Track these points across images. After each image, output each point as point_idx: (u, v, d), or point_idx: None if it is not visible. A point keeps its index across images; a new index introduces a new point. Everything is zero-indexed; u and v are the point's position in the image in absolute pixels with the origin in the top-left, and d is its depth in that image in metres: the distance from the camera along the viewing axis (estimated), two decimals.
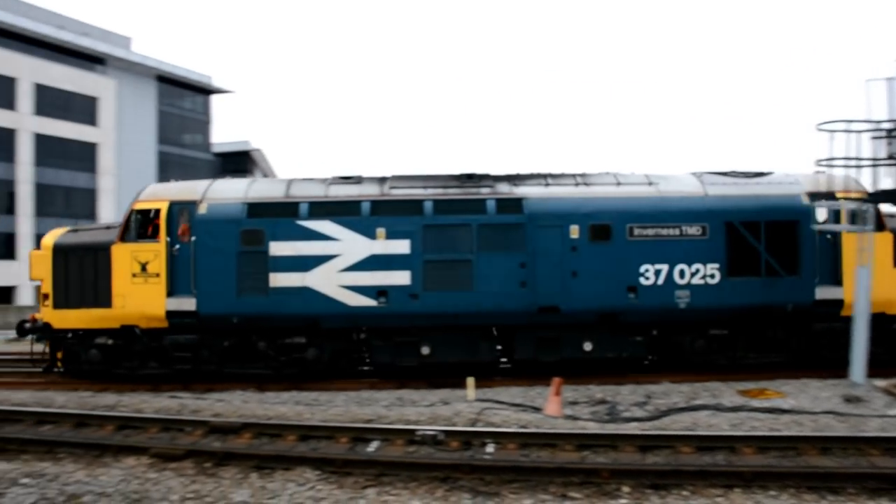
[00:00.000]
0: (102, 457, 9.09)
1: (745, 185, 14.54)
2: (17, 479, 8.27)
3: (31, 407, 11.78)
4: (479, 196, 14.21)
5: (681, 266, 14.01)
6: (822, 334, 14.23)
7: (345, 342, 14.57)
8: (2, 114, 50.62)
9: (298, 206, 14.15)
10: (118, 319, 14.22)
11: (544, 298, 13.89)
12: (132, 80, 61.05)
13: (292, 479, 8.14)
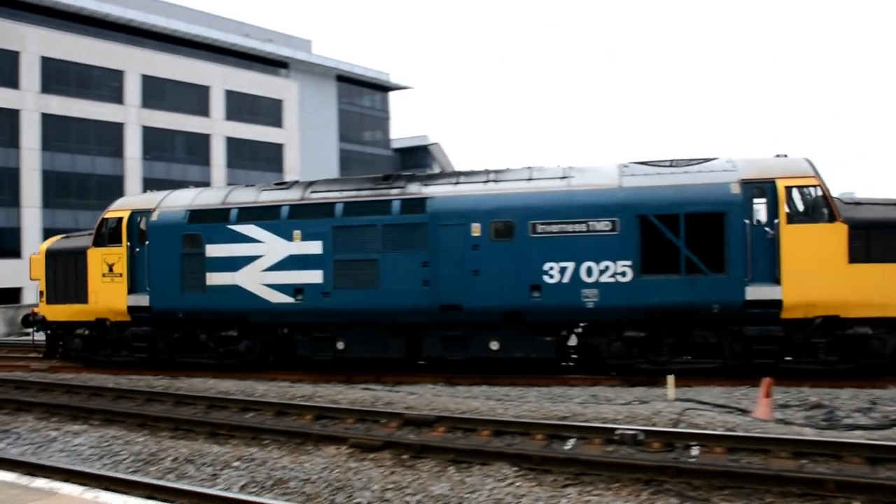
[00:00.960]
0: (304, 444, 9.64)
1: (667, 176, 13.47)
2: (230, 462, 8.96)
3: (235, 395, 12.79)
4: (385, 197, 14.71)
5: (588, 264, 13.47)
6: (755, 339, 12.95)
7: (272, 336, 15.81)
8: (198, 120, 55.42)
9: (229, 212, 15.71)
10: (93, 313, 16.77)
11: (446, 297, 14.09)
12: (313, 81, 64.68)
13: (490, 474, 8.19)
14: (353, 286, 14.69)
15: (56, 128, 49.04)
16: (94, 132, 50.68)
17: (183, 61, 55.04)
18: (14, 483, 5.83)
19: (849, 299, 12.57)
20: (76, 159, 49.86)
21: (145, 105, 52.83)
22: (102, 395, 13.49)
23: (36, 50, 48.41)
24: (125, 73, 52.32)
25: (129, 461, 9.37)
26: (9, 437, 10.88)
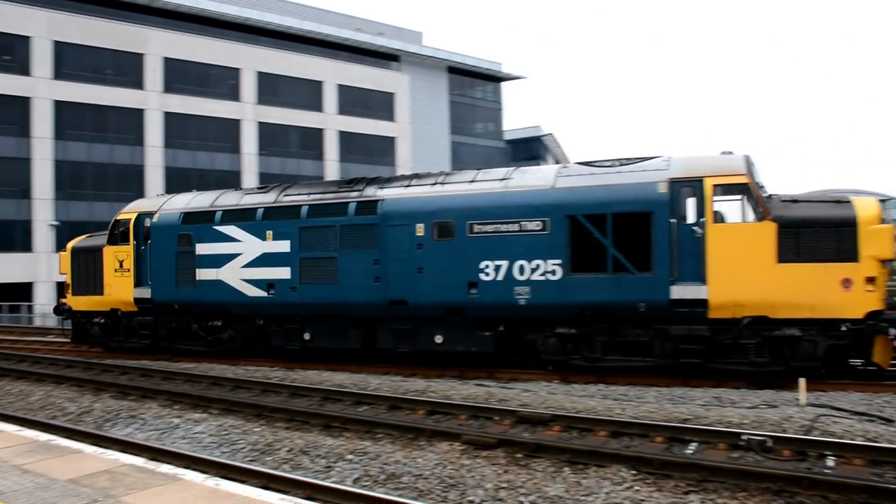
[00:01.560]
0: (417, 440, 9.75)
1: (598, 176, 13.85)
2: (343, 454, 9.17)
3: (349, 388, 13.10)
4: (343, 200, 16.05)
5: (521, 262, 14.04)
6: (682, 338, 13.06)
7: (251, 326, 17.49)
8: (312, 115, 57.07)
9: (215, 214, 17.58)
10: (107, 304, 19.25)
11: (394, 293, 15.23)
12: (424, 73, 65.41)
13: (607, 476, 8.03)
14: (315, 282, 16.16)
15: (177, 126, 51.76)
16: (213, 129, 53.15)
17: (296, 57, 56.86)
18: (142, 467, 6.16)
19: (777, 300, 12.46)
20: (196, 156, 52.45)
21: (261, 101, 54.93)
22: (221, 384, 14.12)
23: (159, 51, 51.21)
24: (241, 70, 54.57)
25: (247, 450, 9.76)
26: (136, 423, 11.56)
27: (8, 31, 46.57)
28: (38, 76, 47.24)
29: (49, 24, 47.55)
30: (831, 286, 12.15)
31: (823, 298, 12.20)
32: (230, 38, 54.29)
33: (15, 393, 14.50)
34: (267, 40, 56.42)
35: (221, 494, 5.37)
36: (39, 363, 17.96)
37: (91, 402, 13.22)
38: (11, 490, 5.54)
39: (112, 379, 15.13)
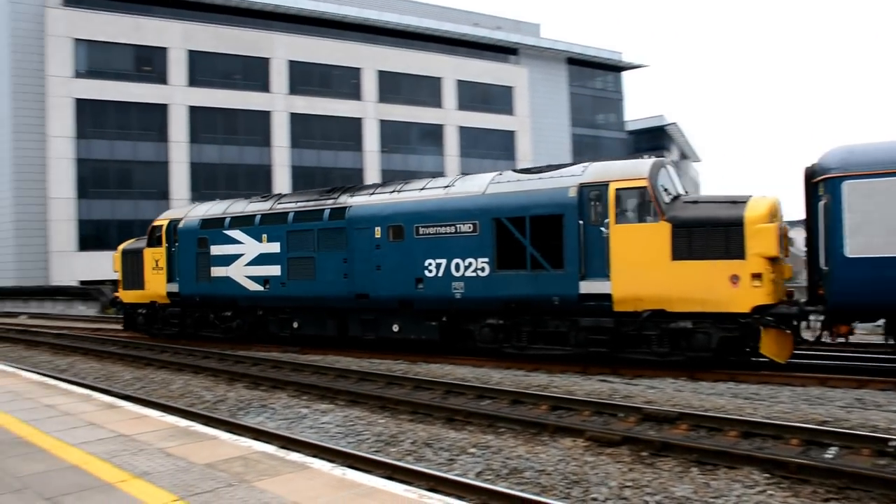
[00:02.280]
0: (540, 435, 9.70)
1: (522, 182, 15.38)
2: (466, 448, 9.25)
3: (472, 382, 13.20)
4: (320, 207, 18.39)
5: (456, 260, 15.77)
6: (590, 329, 14.31)
7: (253, 316, 20.22)
8: (432, 111, 57.74)
9: (225, 220, 20.51)
10: (147, 297, 22.69)
11: (359, 287, 17.41)
12: (543, 65, 64.92)
13: (738, 479, 7.72)
14: (300, 278, 18.62)
15: (302, 126, 53.64)
16: (336, 128, 54.74)
17: (416, 55, 57.71)
18: (273, 455, 6.43)
19: (672, 294, 13.33)
20: (320, 154, 54.17)
21: (382, 100, 56.11)
22: (347, 376, 14.54)
23: (284, 55, 53.22)
24: (362, 70, 55.91)
25: (371, 441, 10.00)
26: (266, 412, 12.08)
27: (148, 44, 49.68)
28: (174, 84, 50.16)
29: (184, 34, 50.37)
30: (720, 282, 12.94)
31: (714, 293, 13.00)
32: (351, 39, 55.72)
33: (158, 381, 15.45)
34: (387, 39, 57.55)
35: (348, 483, 5.53)
36: (179, 353, 19.08)
37: (225, 391, 13.91)
38: (156, 471, 5.91)
39: (244, 370, 15.87)
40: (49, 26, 47.67)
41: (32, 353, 21.69)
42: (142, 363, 18.07)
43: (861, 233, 11.94)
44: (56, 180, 47.49)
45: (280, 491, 5.31)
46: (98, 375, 16.81)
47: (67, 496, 5.33)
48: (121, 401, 9.57)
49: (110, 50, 49.13)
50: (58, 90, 47.46)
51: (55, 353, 21.32)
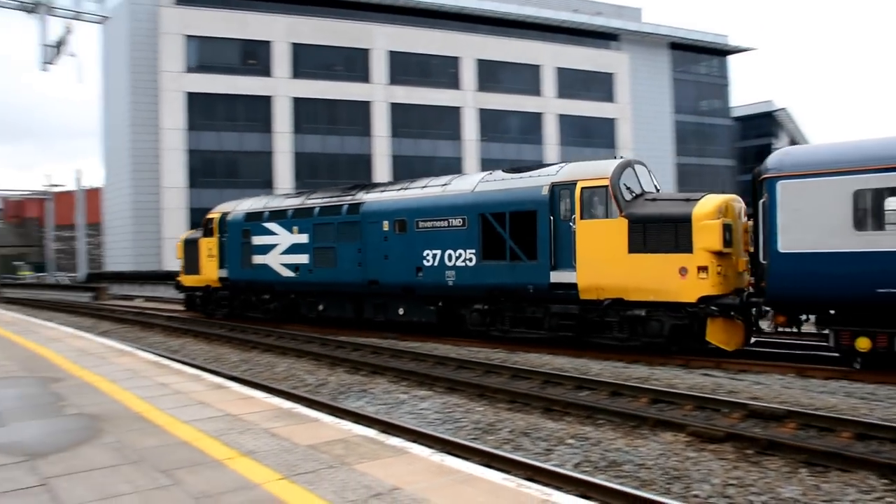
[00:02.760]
0: (639, 428, 9.52)
1: (506, 181, 16.95)
2: (564, 438, 9.18)
3: (570, 372, 13.08)
4: (339, 202, 20.49)
5: (449, 251, 17.47)
6: (559, 315, 15.75)
7: (287, 299, 22.64)
8: (531, 99, 57.33)
9: (263, 213, 22.97)
10: (203, 281, 25.49)
11: (371, 274, 19.44)
12: (644, 51, 63.43)
13: (852, 483, 7.36)
14: (323, 266, 20.82)
15: (401, 115, 54.22)
16: (435, 117, 55.07)
17: (515, 43, 57.37)
18: (373, 439, 6.55)
19: (629, 285, 14.62)
20: (419, 144, 54.65)
21: (480, 88, 56.08)
22: (445, 364, 14.66)
23: (383, 45, 53.90)
24: (461, 59, 56.02)
25: (469, 428, 10.05)
26: (366, 397, 12.32)
27: (253, 38, 51.30)
28: (278, 76, 51.61)
29: (287, 28, 51.73)
30: (670, 274, 14.06)
31: (665, 284, 14.16)
32: (450, 28, 55.89)
33: (263, 364, 16.00)
34: (485, 27, 57.42)
35: (446, 469, 5.57)
36: (282, 338, 19.69)
37: (327, 375, 14.27)
38: (261, 450, 6.12)
39: (345, 355, 16.23)
40: (163, 24, 49.88)
41: (147, 334, 22.84)
42: (248, 346, 18.74)
43: (792, 229, 12.63)
44: (168, 170, 49.76)
45: (380, 474, 5.40)
46: (207, 357, 17.55)
47: (180, 470, 5.59)
48: (228, 381, 9.95)
49: (218, 45, 51.01)
50: (170, 85, 49.65)
51: (168, 334, 22.39)
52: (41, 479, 5.43)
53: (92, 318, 28.26)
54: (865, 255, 11.94)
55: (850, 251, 12.12)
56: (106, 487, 5.22)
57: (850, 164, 12.21)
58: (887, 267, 11.69)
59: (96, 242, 67.76)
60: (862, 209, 12.03)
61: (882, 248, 11.78)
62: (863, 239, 11.99)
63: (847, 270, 12.10)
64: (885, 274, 11.70)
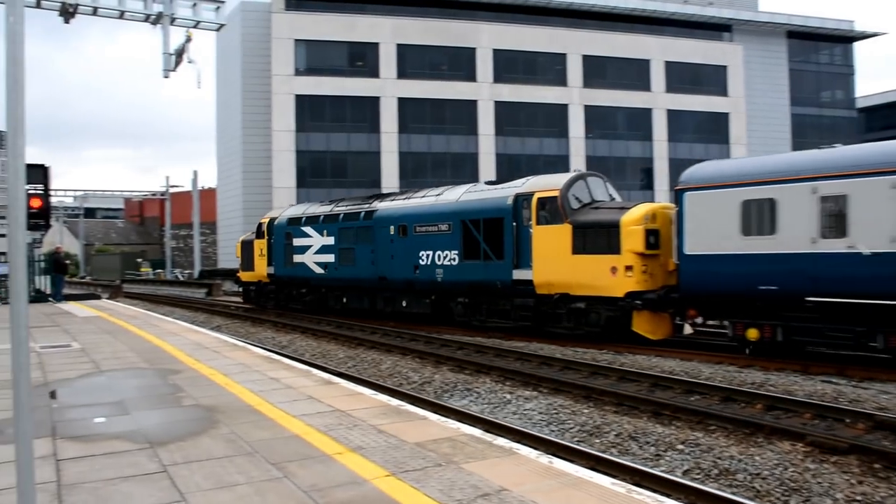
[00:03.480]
0: (754, 436, 9.16)
1: (481, 192, 19.88)
2: (673, 444, 8.94)
3: (680, 376, 12.73)
4: (358, 210, 24.01)
5: (439, 252, 20.23)
6: (520, 307, 18.64)
7: (319, 293, 26.13)
8: (639, 95, 56.16)
9: (301, 219, 26.59)
10: (256, 277, 29.56)
11: (381, 272, 22.47)
12: (760, 41, 61.06)
13: None
14: (346, 264, 24.23)
15: (507, 114, 54.14)
16: (541, 115, 54.72)
17: (622, 37, 56.35)
18: (480, 438, 6.55)
19: (572, 281, 17.13)
20: (525, 142, 54.44)
21: (587, 85, 55.33)
22: (550, 364, 14.55)
23: (488, 44, 53.95)
24: (567, 55, 55.41)
25: (575, 430, 9.94)
26: (471, 395, 12.37)
27: (361, 40, 52.37)
28: (385, 77, 52.47)
29: (393, 29, 52.55)
30: (604, 272, 16.50)
31: (599, 281, 16.60)
32: (555, 25, 55.40)
33: (368, 361, 16.31)
34: (591, 23, 56.58)
35: (554, 472, 5.52)
36: (388, 335, 20.02)
37: (431, 373, 14.41)
38: (369, 446, 6.23)
39: (450, 353, 16.35)
40: (274, 29, 51.60)
41: (258, 329, 23.70)
42: (353, 343, 19.15)
43: (696, 234, 15.01)
44: (279, 171, 51.43)
45: (487, 474, 5.40)
46: (314, 353, 18.05)
47: (291, 463, 5.76)
48: (336, 377, 10.18)
49: (327, 48, 52.34)
50: (280, 87, 51.30)
51: (277, 330, 23.15)
52: (162, 466, 5.71)
53: (206, 314, 29.55)
54: (750, 258, 14.21)
55: (739, 253, 14.35)
56: (222, 477, 5.44)
57: (740, 178, 14.51)
58: (766, 267, 13.89)
59: (210, 240, 70.84)
60: (748, 217, 14.26)
61: (762, 251, 14.00)
62: (748, 243, 14.20)
63: (736, 270, 14.36)
64: (765, 273, 13.90)
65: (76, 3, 16.64)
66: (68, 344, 13.92)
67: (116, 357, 12.10)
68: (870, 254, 12.63)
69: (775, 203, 13.84)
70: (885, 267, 12.41)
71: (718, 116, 58.17)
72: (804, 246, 13.45)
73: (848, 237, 12.92)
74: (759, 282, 13.93)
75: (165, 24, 17.86)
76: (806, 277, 13.38)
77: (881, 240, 12.48)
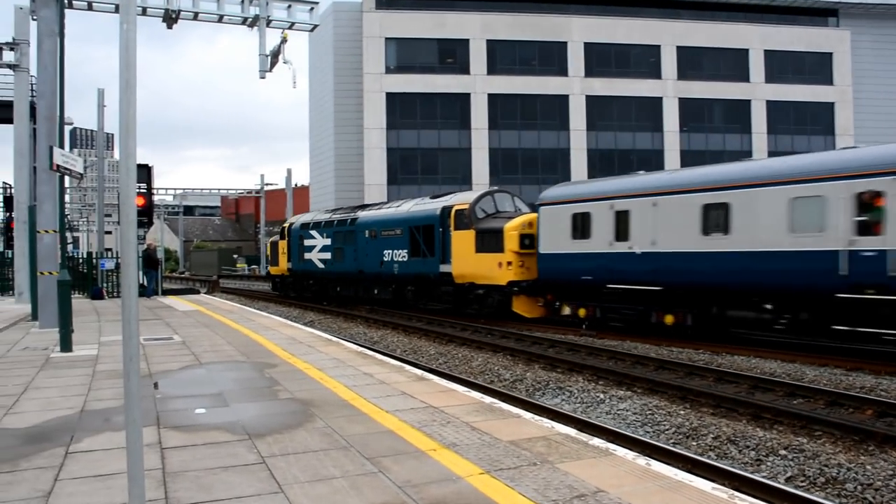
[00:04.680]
0: (864, 443, 8.74)
1: (425, 205, 25.96)
2: (776, 449, 8.61)
3: (782, 378, 12.28)
4: (346, 217, 30.53)
5: (395, 251, 26.47)
6: (445, 293, 24.56)
7: (322, 284, 32.60)
8: (736, 86, 54.38)
9: (310, 224, 33.31)
10: (280, 271, 36.46)
11: (360, 266, 28.79)
12: (869, 25, 58.18)
13: None
14: (338, 261, 30.44)
15: (599, 108, 53.36)
16: (634, 109, 53.71)
17: (718, 27, 54.70)
18: (575, 438, 6.47)
19: (476, 273, 22.67)
20: (617, 136, 53.53)
21: (681, 77, 54.00)
22: (645, 364, 14.28)
23: (580, 37, 53.28)
24: (661, 47, 54.20)
25: (671, 432, 9.71)
26: (563, 394, 12.25)
27: (450, 37, 52.57)
28: (475, 73, 52.52)
29: (482, 25, 52.53)
30: (495, 266, 21.80)
31: (492, 273, 21.94)
32: (648, 16, 54.24)
33: (459, 357, 16.37)
34: (686, 13, 55.13)
35: (652, 474, 5.40)
36: (478, 332, 20.06)
37: (523, 371, 14.34)
38: (463, 443, 6.24)
39: (541, 351, 16.25)
40: (365, 28, 52.39)
41: (349, 325, 24.14)
42: (444, 339, 19.27)
43: (546, 237, 20.99)
44: (370, 168, 52.22)
45: (583, 475, 5.33)
46: (406, 349, 18.24)
47: (385, 458, 5.83)
48: (428, 374, 10.25)
49: (417, 45, 52.79)
50: (372, 86, 52.06)
51: (368, 326, 23.53)
52: (260, 458, 5.87)
53: (299, 309, 30.30)
54: (576, 255, 19.99)
55: (570, 252, 20.21)
56: (318, 470, 5.55)
57: (572, 197, 20.53)
58: (585, 263, 19.65)
59: None
60: (575, 225, 20.08)
61: (583, 251, 19.77)
62: (575, 244, 20.05)
63: (569, 264, 20.21)
64: (585, 267, 19.70)
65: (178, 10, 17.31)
66: (170, 337, 14.50)
67: (215, 350, 12.53)
68: (640, 253, 18.15)
69: (590, 216, 19.66)
70: (649, 263, 17.93)
71: (823, 107, 55.74)
72: (605, 247, 19.15)
73: (629, 240, 18.50)
74: (581, 273, 19.81)
75: (262, 26, 18.38)
76: (606, 270, 19.08)
77: (646, 243, 18.02)
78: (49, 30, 15.95)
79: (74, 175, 16.16)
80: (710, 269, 16.41)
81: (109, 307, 22.54)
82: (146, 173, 26.19)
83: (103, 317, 19.16)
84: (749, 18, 55.73)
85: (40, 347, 13.04)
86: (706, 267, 16.48)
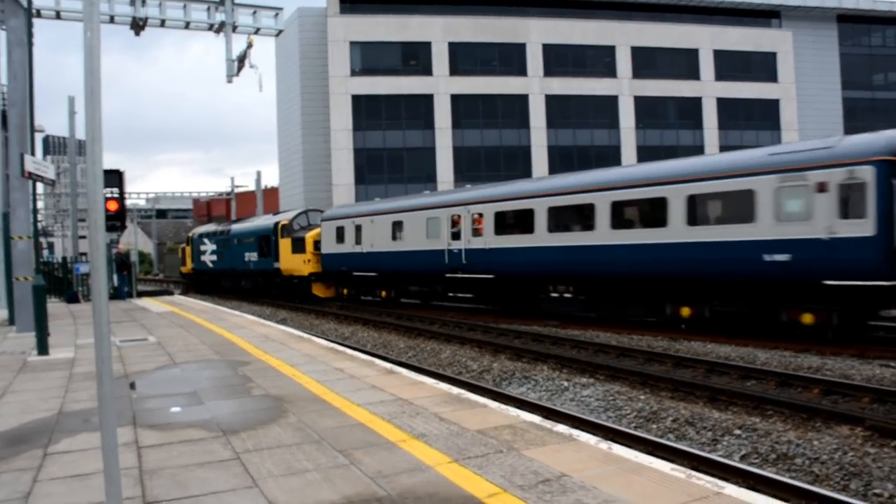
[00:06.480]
0: (811, 420, 8.93)
1: (267, 220, 35.57)
2: (730, 429, 8.76)
3: (735, 361, 12.48)
4: (225, 229, 39.81)
5: (251, 253, 35.56)
6: (279, 284, 33.00)
7: (214, 279, 42.26)
8: (689, 84, 55.01)
9: (205, 234, 43.30)
10: (188, 270, 45.80)
11: (233, 265, 37.63)
12: (810, 27, 59.20)
13: None
14: (221, 262, 39.43)
15: (557, 107, 53.60)
16: (591, 107, 54.04)
17: (671, 28, 55.26)
18: (539, 425, 6.52)
19: (292, 268, 31.57)
20: (576, 134, 53.86)
21: (636, 76, 54.48)
22: (607, 352, 14.41)
23: (538, 39, 53.47)
24: (616, 47, 54.60)
25: (632, 416, 9.82)
26: (529, 383, 12.32)
27: (413, 40, 52.46)
28: (437, 75, 52.46)
29: (444, 28, 52.48)
30: (302, 262, 30.94)
31: (301, 267, 30.98)
32: (603, 18, 54.61)
33: (428, 350, 16.37)
34: (639, 14, 55.62)
35: (614, 458, 5.46)
36: (446, 325, 20.07)
37: (490, 361, 14.39)
38: (432, 433, 6.25)
39: (507, 342, 16.31)
40: (330, 32, 52.04)
41: (321, 321, 24.00)
42: (413, 333, 19.25)
43: (326, 242, 29.94)
44: (338, 169, 51.92)
45: (548, 461, 5.37)
46: (376, 343, 18.19)
47: (357, 450, 5.82)
48: (398, 367, 10.25)
49: (380, 48, 52.55)
50: (337, 88, 51.74)
51: (339, 322, 23.42)
52: (235, 454, 5.82)
53: (271, 307, 30.09)
54: (338, 254, 29.09)
55: (335, 252, 29.30)
56: (292, 464, 5.52)
57: (337, 216, 29.94)
58: (343, 259, 28.72)
59: None
60: (340, 235, 28.92)
61: (343, 251, 28.70)
62: (338, 247, 29.04)
63: (335, 260, 29.37)
64: (342, 262, 28.77)
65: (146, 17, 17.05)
66: (145, 338, 14.31)
67: (189, 350, 12.40)
68: (366, 252, 27.36)
69: (343, 228, 28.77)
70: (371, 259, 27.20)
71: (769, 103, 56.64)
72: (350, 249, 28.28)
73: (361, 244, 27.81)
74: (341, 265, 28.98)
75: (228, 31, 18.18)
76: (351, 263, 28.29)
77: (369, 245, 27.38)
78: (18, 39, 15.62)
79: (47, 181, 15.87)
80: (397, 261, 25.88)
81: (85, 310, 22.15)
82: (118, 178, 25.73)
83: (79, 320, 18.84)
84: (699, 20, 56.39)
85: (17, 351, 12.80)
86: (395, 260, 25.92)
